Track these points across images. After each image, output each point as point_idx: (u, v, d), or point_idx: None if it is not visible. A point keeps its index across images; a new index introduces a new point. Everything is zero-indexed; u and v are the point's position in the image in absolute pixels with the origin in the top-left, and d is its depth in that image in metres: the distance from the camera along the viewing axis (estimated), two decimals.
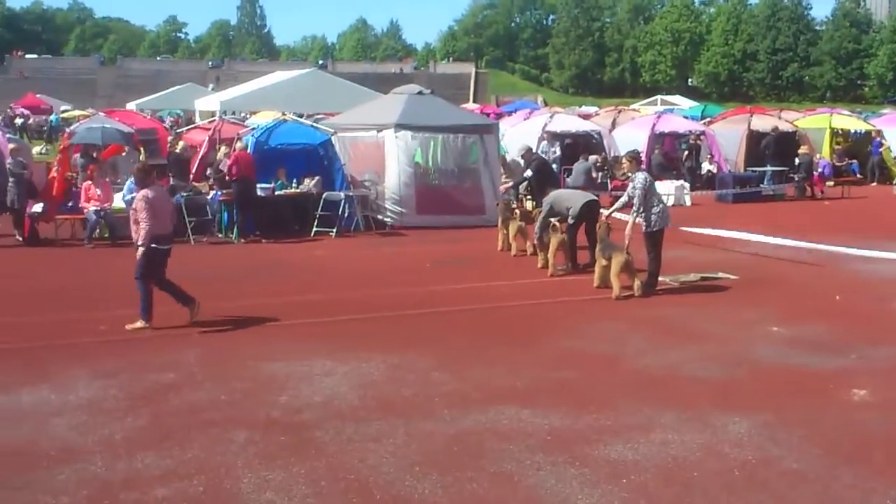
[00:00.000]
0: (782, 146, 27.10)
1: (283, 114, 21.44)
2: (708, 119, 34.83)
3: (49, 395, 8.06)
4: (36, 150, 25.95)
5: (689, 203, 23.72)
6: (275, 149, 18.42)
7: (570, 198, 14.42)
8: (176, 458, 6.62)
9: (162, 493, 6.02)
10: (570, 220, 13.94)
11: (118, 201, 17.48)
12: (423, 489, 6.07)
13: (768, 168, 26.48)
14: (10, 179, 16.97)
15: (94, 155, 20.49)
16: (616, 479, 6.20)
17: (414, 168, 19.37)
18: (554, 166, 22.69)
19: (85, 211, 17.04)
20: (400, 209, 18.94)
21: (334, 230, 17.86)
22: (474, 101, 75.29)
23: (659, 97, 66.35)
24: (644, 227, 12.45)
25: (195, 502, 5.89)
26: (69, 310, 11.54)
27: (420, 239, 17.66)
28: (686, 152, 27.97)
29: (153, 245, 10.57)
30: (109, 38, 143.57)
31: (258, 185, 17.62)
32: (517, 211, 16.26)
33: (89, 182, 17.34)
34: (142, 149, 23.59)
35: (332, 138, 19.16)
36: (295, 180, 18.59)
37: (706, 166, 27.22)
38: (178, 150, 20.11)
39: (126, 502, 5.89)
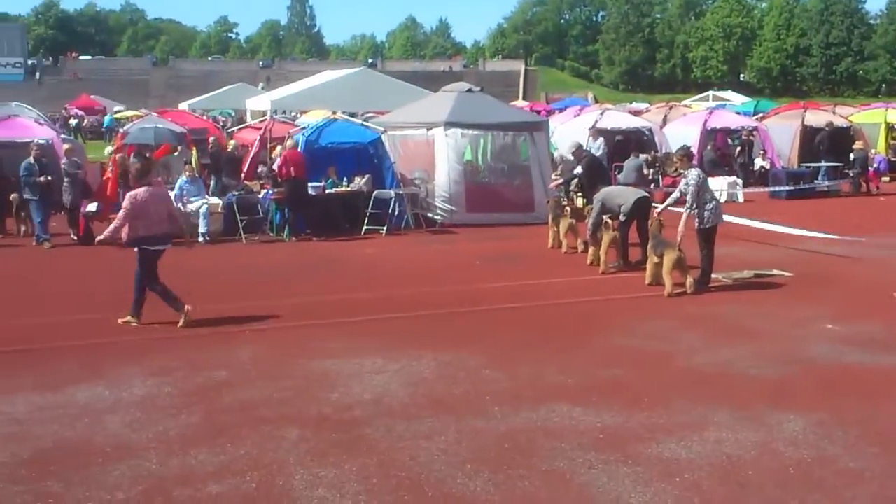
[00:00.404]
0: (837, 141, 26.67)
1: (334, 113, 21.57)
2: (760, 115, 34.34)
3: (104, 392, 8.18)
4: (108, 150, 26.30)
5: (741, 199, 23.42)
6: (325, 147, 18.51)
7: (621, 194, 14.30)
8: (229, 454, 6.68)
9: (215, 489, 6.07)
10: (622, 218, 13.83)
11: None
12: (475, 487, 6.05)
13: (822, 164, 26.06)
14: (65, 179, 17.26)
15: (147, 155, 20.72)
16: (669, 478, 6.14)
17: (464, 166, 19.36)
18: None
19: None
20: (450, 207, 18.94)
21: (384, 228, 17.92)
22: (524, 99, 74.99)
23: (711, 93, 65.52)
24: (697, 224, 12.31)
25: (248, 499, 5.93)
26: (123, 308, 11.68)
27: (470, 236, 17.65)
28: (738, 148, 27.61)
29: (143, 246, 10.69)
30: (161, 38, 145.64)
31: (310, 184, 17.72)
32: (568, 208, 16.18)
33: None
34: (194, 148, 23.86)
35: (382, 137, 19.22)
36: (345, 179, 18.68)
37: (759, 162, 26.86)
38: (229, 149, 20.30)
39: (180, 498, 5.95)
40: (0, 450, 6.80)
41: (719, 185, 21.79)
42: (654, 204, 14.12)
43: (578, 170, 17.33)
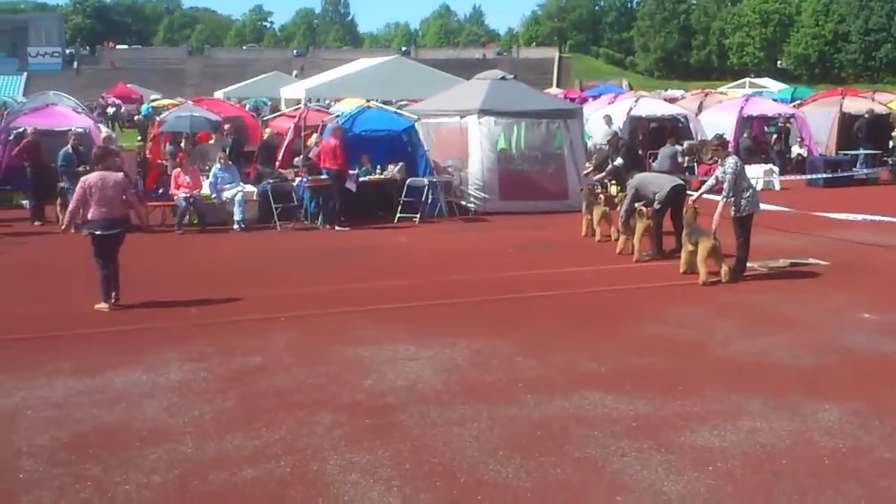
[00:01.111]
0: (876, 129, 26.29)
1: (367, 101, 21.59)
2: (798, 102, 33.96)
3: (141, 377, 8.29)
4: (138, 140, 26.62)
5: (778, 187, 23.19)
6: (359, 135, 18.55)
7: (656, 182, 14.21)
8: (264, 439, 6.75)
9: (250, 473, 6.14)
10: (657, 205, 13.75)
11: (206, 188, 17.85)
12: (507, 473, 6.07)
13: (861, 151, 25.73)
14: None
15: (182, 144, 20.92)
16: (702, 467, 6.12)
17: (497, 153, 19.33)
18: None
19: (174, 198, 17.42)
20: (483, 195, 18.92)
21: (418, 216, 17.95)
22: (558, 86, 74.64)
23: (747, 80, 64.81)
24: (733, 212, 12.22)
25: (283, 483, 5.99)
26: (160, 294, 11.83)
27: (503, 224, 17.63)
28: (775, 136, 27.33)
29: (88, 230, 10.87)
30: (197, 27, 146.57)
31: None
32: (601, 196, 16.11)
33: (178, 169, 17.72)
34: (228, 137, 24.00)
35: (416, 124, 19.23)
36: (379, 167, 18.73)
37: (796, 150, 26.56)
38: (265, 137, 20.39)
39: (216, 482, 6.02)
40: (40, 433, 6.92)
41: (756, 173, 21.58)
42: (688, 192, 14.02)
43: (619, 161, 17.21)
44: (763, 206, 12.96)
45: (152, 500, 5.75)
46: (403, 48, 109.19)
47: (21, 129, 20.09)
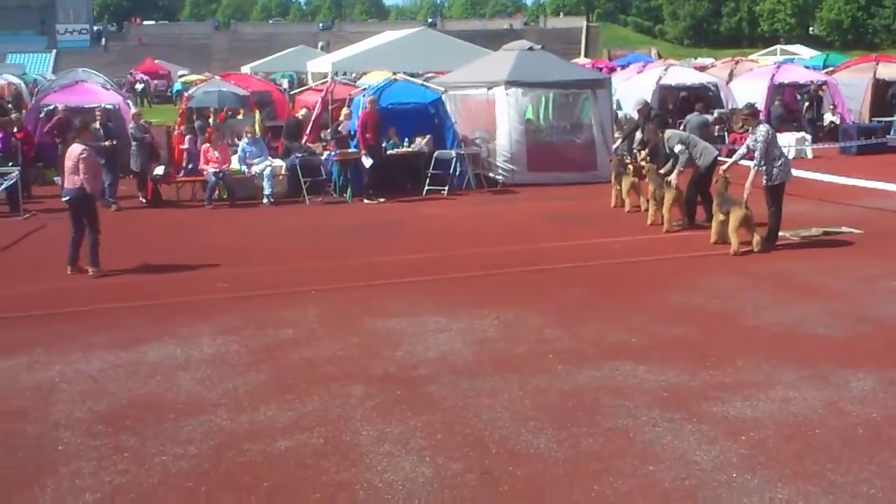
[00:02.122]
0: None
1: (394, 73, 21.53)
2: (830, 68, 33.49)
3: (175, 350, 8.38)
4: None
5: (810, 156, 22.94)
6: (386, 108, 18.51)
7: (704, 146, 13.80)
8: (297, 411, 6.81)
9: (284, 444, 6.21)
10: (698, 173, 13.49)
11: (235, 163, 17.93)
12: (538, 444, 6.10)
13: (895, 118, 25.37)
14: (133, 143, 17.54)
15: (208, 118, 20.99)
16: (734, 436, 6.11)
17: (525, 125, 19.24)
18: None
19: (204, 173, 17.51)
20: (511, 166, 18.86)
21: (446, 188, 17.93)
22: (586, 56, 74.19)
23: (778, 47, 64.01)
24: (765, 181, 12.11)
25: (316, 453, 6.05)
26: (191, 268, 11.94)
27: (531, 196, 17.59)
28: (807, 103, 27.01)
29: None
30: (223, 2, 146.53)
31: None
32: (630, 166, 15.99)
33: (208, 145, 17.79)
34: (257, 111, 24.06)
35: (443, 97, 19.17)
36: (406, 139, 18.70)
37: (828, 117, 26.25)
38: (300, 116, 20.29)
39: (250, 453, 6.09)
40: (78, 406, 7.03)
41: (787, 141, 21.35)
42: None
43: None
44: (794, 172, 12.81)
45: (189, 471, 5.83)
46: (429, 20, 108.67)
47: (52, 107, 20.24)
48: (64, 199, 11.96)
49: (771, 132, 12.23)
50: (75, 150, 11.67)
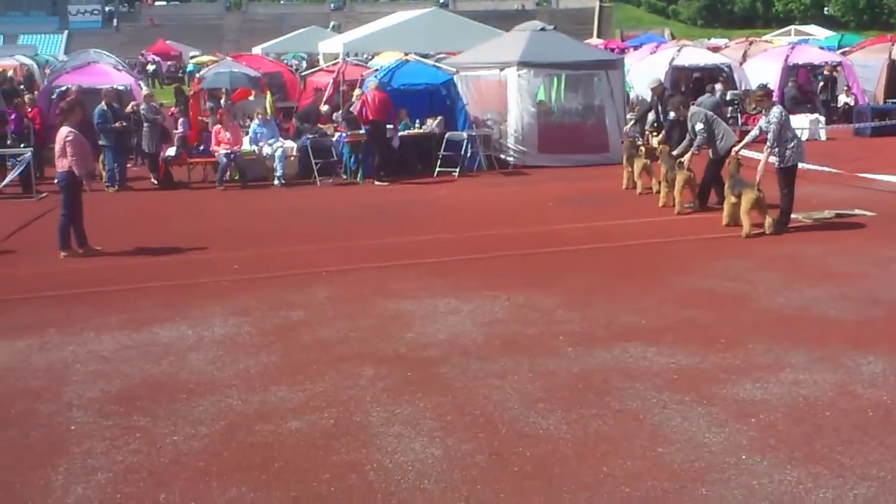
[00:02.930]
0: None
1: (406, 54, 21.47)
2: (845, 49, 33.22)
3: (187, 331, 8.42)
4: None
5: (824, 137, 22.81)
6: (397, 89, 18.48)
7: (725, 128, 13.59)
8: (308, 391, 6.84)
9: (295, 424, 6.23)
10: (713, 155, 13.38)
11: (247, 144, 17.94)
12: (548, 425, 6.11)
13: None
14: (145, 125, 17.56)
15: (221, 100, 20.95)
16: (745, 419, 6.11)
17: (537, 106, 19.18)
18: None
19: (216, 154, 17.53)
20: (522, 148, 18.82)
21: (457, 170, 17.92)
22: (598, 37, 73.66)
23: (793, 27, 63.52)
24: (778, 163, 12.05)
25: (326, 434, 6.07)
26: (203, 250, 11.98)
27: (543, 178, 17.56)
28: (821, 84, 26.83)
29: None
30: None
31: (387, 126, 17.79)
32: (643, 148, 15.93)
33: (219, 126, 17.80)
34: (268, 92, 24.02)
35: (455, 78, 19.12)
36: (417, 121, 18.68)
37: (843, 99, 26.06)
38: (322, 109, 20.18)
39: (261, 433, 6.12)
40: (90, 386, 7.07)
41: (801, 122, 21.24)
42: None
43: (672, 115, 16.28)
44: (803, 166, 12.70)
45: (200, 451, 5.87)
46: (441, 0, 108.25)
47: (64, 88, 20.25)
48: (56, 183, 12.00)
49: (784, 114, 12.15)
50: (62, 132, 11.64)
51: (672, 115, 15.32)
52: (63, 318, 8.94)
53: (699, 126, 13.31)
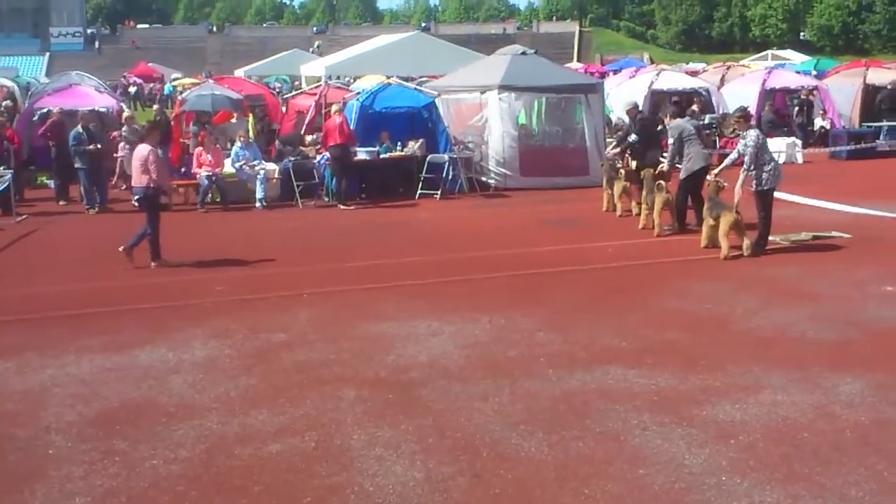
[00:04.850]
0: None
1: (387, 77, 21.55)
2: (820, 73, 33.59)
3: (167, 354, 8.38)
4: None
5: (800, 160, 23.03)
6: (379, 112, 18.55)
7: (693, 148, 13.55)
8: (288, 414, 6.82)
9: (275, 448, 6.22)
10: (683, 174, 13.53)
11: (228, 166, 17.92)
12: (529, 447, 6.12)
13: (885, 123, 25.46)
14: (126, 146, 17.50)
15: (205, 123, 20.95)
16: (724, 440, 6.15)
17: (518, 129, 19.28)
18: None
19: (197, 176, 17.51)
20: (504, 171, 18.89)
21: (438, 192, 17.96)
22: (578, 61, 74.08)
23: (769, 52, 64.14)
24: (755, 186, 12.16)
25: (307, 458, 6.06)
26: (185, 272, 11.95)
27: (524, 200, 17.62)
28: (797, 108, 27.09)
29: None
30: (217, 5, 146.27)
31: (364, 150, 17.81)
32: (622, 171, 16.03)
33: (200, 148, 17.79)
34: (251, 114, 24.03)
35: (436, 101, 19.20)
36: (399, 143, 18.72)
37: (819, 122, 26.33)
38: (307, 139, 20.18)
39: (241, 457, 6.10)
40: (68, 409, 7.03)
41: (778, 146, 21.43)
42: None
43: (633, 137, 16.89)
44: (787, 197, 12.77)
45: (179, 475, 5.84)
46: (423, 24, 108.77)
47: (45, 110, 20.18)
48: (135, 199, 12.74)
49: (761, 137, 12.28)
50: (142, 150, 12.30)
51: (634, 136, 15.98)
52: (43, 340, 8.89)
53: (670, 141, 13.70)
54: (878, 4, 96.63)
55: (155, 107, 23.06)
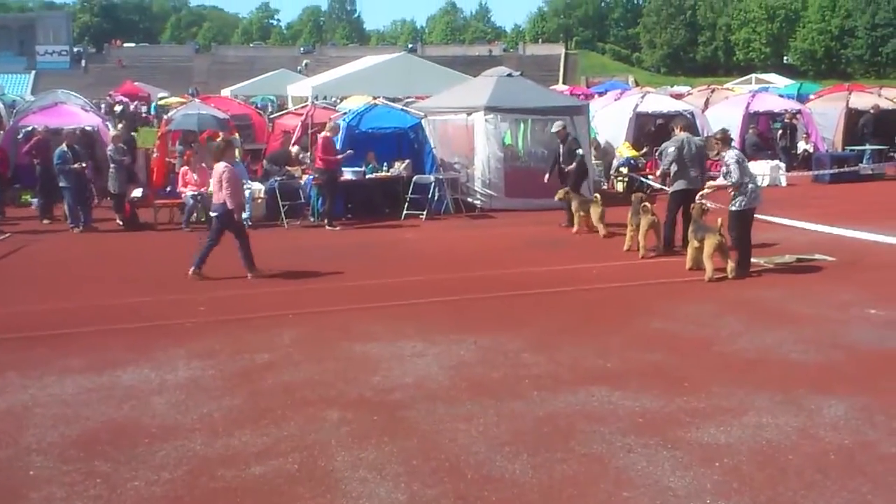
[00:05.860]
0: (882, 124, 26.26)
1: (374, 98, 21.60)
2: (803, 97, 33.87)
3: (149, 375, 8.33)
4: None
5: (784, 183, 23.18)
6: (366, 133, 18.59)
7: (682, 169, 13.72)
8: (272, 436, 6.78)
9: (259, 470, 6.18)
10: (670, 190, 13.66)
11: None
12: (514, 469, 6.10)
13: (867, 147, 25.69)
14: (111, 166, 17.47)
15: (192, 143, 20.91)
16: (709, 462, 6.14)
17: (504, 151, 19.33)
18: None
19: (182, 195, 17.47)
20: (489, 192, 18.95)
21: (424, 213, 17.98)
22: (564, 83, 74.62)
23: (753, 76, 64.75)
24: (732, 206, 12.20)
25: (291, 479, 6.03)
26: (169, 292, 11.89)
27: (509, 221, 17.66)
28: (781, 131, 27.30)
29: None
30: (204, 25, 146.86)
31: (350, 169, 17.82)
32: (597, 195, 16.09)
33: (186, 167, 17.76)
34: (237, 134, 24.01)
35: (422, 122, 19.25)
36: (385, 164, 18.75)
37: (802, 146, 26.54)
38: (292, 152, 20.13)
39: (224, 479, 6.06)
40: (49, 430, 6.97)
41: (762, 169, 21.57)
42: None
43: (580, 151, 17.32)
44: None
45: (161, 497, 5.80)
46: (410, 45, 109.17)
47: (30, 128, 20.12)
48: (212, 214, 12.91)
49: (740, 155, 12.37)
50: (219, 168, 12.47)
51: (580, 151, 16.87)
52: (24, 360, 8.82)
53: (670, 158, 13.71)
54: (860, 30, 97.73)
55: (119, 125, 22.76)
